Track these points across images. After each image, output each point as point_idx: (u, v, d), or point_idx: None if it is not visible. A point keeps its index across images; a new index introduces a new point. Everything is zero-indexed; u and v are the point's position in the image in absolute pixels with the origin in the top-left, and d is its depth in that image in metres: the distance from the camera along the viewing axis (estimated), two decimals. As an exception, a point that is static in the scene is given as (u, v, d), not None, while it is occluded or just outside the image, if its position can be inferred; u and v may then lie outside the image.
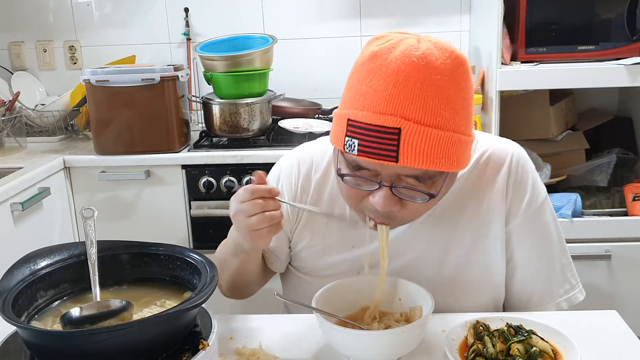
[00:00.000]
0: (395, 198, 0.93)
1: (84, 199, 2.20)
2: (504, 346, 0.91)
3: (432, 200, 0.94)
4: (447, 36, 2.51)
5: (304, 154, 1.18)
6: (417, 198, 0.93)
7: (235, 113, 2.20)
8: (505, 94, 2.20)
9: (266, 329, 1.07)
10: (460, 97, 0.89)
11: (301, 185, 1.15)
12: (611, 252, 1.97)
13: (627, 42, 1.95)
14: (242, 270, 1.15)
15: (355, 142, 0.88)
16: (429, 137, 0.86)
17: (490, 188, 1.09)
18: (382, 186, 0.92)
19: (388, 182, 0.91)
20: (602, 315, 1.08)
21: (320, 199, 1.14)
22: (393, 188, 0.92)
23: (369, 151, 0.88)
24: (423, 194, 0.92)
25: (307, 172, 1.15)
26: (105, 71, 2.13)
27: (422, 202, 0.94)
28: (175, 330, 0.84)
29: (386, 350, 0.93)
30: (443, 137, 0.87)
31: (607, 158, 2.18)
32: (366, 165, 0.91)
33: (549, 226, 1.12)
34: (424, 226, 1.10)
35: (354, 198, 0.98)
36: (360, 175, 0.93)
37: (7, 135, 2.30)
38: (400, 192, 0.93)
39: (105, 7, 2.67)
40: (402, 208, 0.95)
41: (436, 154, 0.87)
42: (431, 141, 0.87)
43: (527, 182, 1.10)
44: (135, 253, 1.00)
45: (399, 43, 0.90)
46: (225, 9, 2.61)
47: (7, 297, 0.84)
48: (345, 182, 0.96)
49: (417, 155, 0.86)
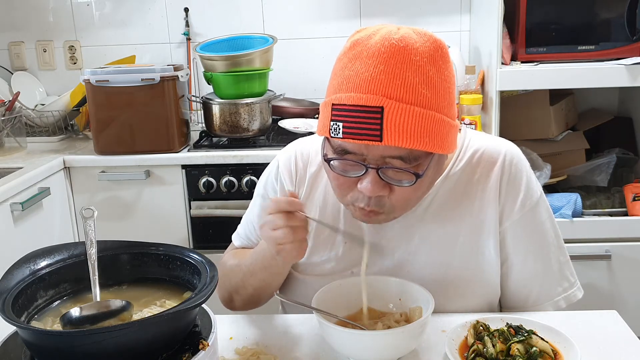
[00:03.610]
0: (383, 183, 0.93)
1: (84, 199, 2.20)
2: (504, 346, 0.91)
3: (419, 184, 0.94)
4: (447, 36, 2.51)
5: (302, 148, 1.19)
6: (404, 181, 0.94)
7: (235, 113, 2.20)
8: (505, 94, 2.20)
9: (266, 329, 1.07)
10: (440, 79, 0.91)
11: (299, 178, 1.16)
12: (611, 252, 1.97)
13: (627, 42, 1.95)
14: (270, 282, 1.13)
15: (340, 125, 0.90)
16: (412, 115, 0.88)
17: (483, 187, 1.08)
18: (369, 169, 0.92)
19: (374, 165, 0.92)
20: (602, 315, 1.08)
21: (314, 193, 1.15)
22: (380, 171, 0.92)
23: (353, 132, 0.89)
24: (409, 173, 0.92)
25: (304, 166, 1.16)
26: (105, 71, 2.13)
27: (410, 185, 0.94)
28: (175, 330, 0.84)
29: (386, 350, 0.93)
30: (426, 116, 0.89)
31: (607, 158, 2.18)
32: (352, 149, 0.92)
33: (545, 225, 1.11)
34: (416, 224, 1.09)
35: (343, 188, 0.98)
36: (347, 158, 0.94)
37: (7, 135, 2.30)
38: (387, 176, 0.93)
39: (105, 7, 2.67)
40: (390, 194, 0.95)
41: (420, 132, 0.88)
42: (414, 119, 0.88)
43: (520, 180, 1.09)
44: (135, 253, 1.00)
45: (379, 30, 0.93)
46: (225, 9, 2.61)
47: (7, 297, 0.84)
48: (333, 168, 0.96)
49: (401, 134, 0.88)
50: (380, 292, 1.05)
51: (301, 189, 1.15)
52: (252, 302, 1.19)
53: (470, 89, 2.16)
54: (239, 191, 2.12)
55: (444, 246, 1.09)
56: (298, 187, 1.16)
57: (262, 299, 1.18)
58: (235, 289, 1.17)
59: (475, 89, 2.16)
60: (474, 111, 2.08)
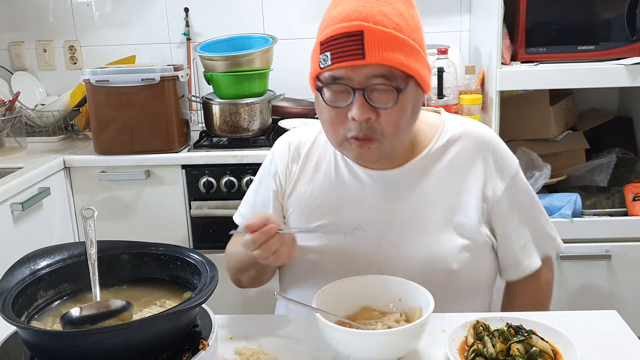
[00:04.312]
0: (370, 107, 1.03)
1: (84, 199, 2.20)
2: (504, 346, 0.91)
3: (401, 106, 1.04)
4: (447, 36, 2.52)
5: (294, 136, 1.28)
6: (389, 103, 1.03)
7: (235, 113, 2.20)
8: (505, 94, 2.20)
9: (266, 329, 1.07)
10: (410, 16, 1.05)
11: (291, 158, 1.24)
12: (611, 252, 1.97)
13: (627, 42, 1.95)
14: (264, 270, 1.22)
15: (328, 55, 1.02)
16: (389, 37, 1.00)
17: (464, 164, 1.16)
18: (356, 92, 1.02)
19: (360, 87, 1.02)
20: (602, 315, 1.08)
21: (307, 167, 1.23)
22: (365, 94, 1.02)
23: (340, 56, 1.01)
24: (392, 93, 1.02)
25: (297, 148, 1.25)
26: (105, 71, 2.13)
27: (394, 106, 1.03)
28: (175, 330, 0.84)
29: (386, 350, 0.93)
30: (401, 39, 1.02)
31: (607, 158, 2.18)
32: (340, 74, 1.03)
33: (528, 190, 1.22)
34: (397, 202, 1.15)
35: (335, 123, 1.07)
36: (336, 88, 1.04)
37: (7, 135, 2.30)
38: (373, 99, 1.03)
39: (105, 7, 2.67)
40: (378, 118, 1.04)
41: (396, 52, 1.01)
42: (390, 41, 1.01)
43: (500, 155, 1.18)
44: (135, 253, 1.00)
45: None
46: (225, 9, 2.61)
47: (7, 297, 0.84)
48: (326, 100, 1.06)
49: (381, 51, 1.00)
50: (380, 292, 1.05)
51: (294, 165, 1.23)
52: (255, 282, 1.26)
53: (470, 89, 2.16)
54: (239, 191, 2.12)
55: (423, 223, 1.14)
56: (291, 164, 1.24)
57: (263, 280, 1.26)
58: (239, 271, 1.25)
59: (475, 89, 2.16)
60: (474, 111, 2.09)
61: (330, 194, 1.18)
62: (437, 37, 2.49)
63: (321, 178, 1.20)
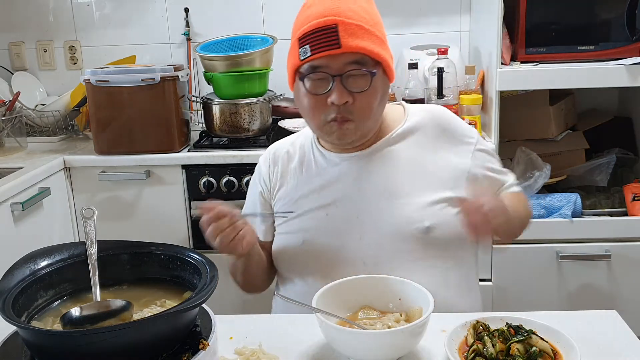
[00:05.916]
0: (347, 92, 1.16)
1: (84, 199, 2.20)
2: (504, 346, 0.91)
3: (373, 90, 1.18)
4: (447, 36, 2.51)
5: (275, 146, 1.43)
6: (364, 86, 1.17)
7: (235, 113, 2.20)
8: (505, 94, 2.20)
9: (266, 329, 1.07)
10: (374, 12, 1.22)
11: (272, 162, 1.38)
12: (611, 252, 1.97)
13: (627, 42, 1.96)
14: (248, 270, 1.31)
15: (308, 47, 1.17)
16: (359, 29, 1.15)
17: (428, 143, 1.28)
18: (334, 80, 1.16)
19: (338, 73, 1.16)
20: (602, 315, 1.08)
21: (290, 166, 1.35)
22: (343, 80, 1.16)
23: (318, 47, 1.15)
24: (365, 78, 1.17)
25: (276, 152, 1.40)
26: (106, 71, 2.13)
27: (367, 90, 1.17)
28: (175, 330, 0.84)
29: (386, 350, 0.93)
30: (369, 31, 1.16)
31: (607, 158, 2.18)
32: (319, 63, 1.17)
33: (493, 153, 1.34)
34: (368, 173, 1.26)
35: (316, 109, 1.20)
36: (315, 77, 1.18)
37: (7, 135, 2.30)
38: (349, 84, 1.16)
39: (105, 7, 2.67)
40: (354, 102, 1.17)
41: (366, 40, 1.15)
42: (361, 32, 1.15)
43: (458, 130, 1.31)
44: (135, 253, 1.00)
45: None
46: (225, 9, 2.61)
47: (7, 297, 0.85)
48: (307, 89, 1.19)
49: (353, 40, 1.14)
50: (380, 292, 1.05)
51: (276, 167, 1.37)
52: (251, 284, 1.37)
53: (470, 89, 2.16)
54: (239, 191, 2.12)
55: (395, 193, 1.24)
56: (273, 167, 1.37)
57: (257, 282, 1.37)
58: (233, 274, 1.36)
59: (475, 89, 2.16)
60: (474, 111, 2.08)
61: (312, 181, 1.30)
62: (437, 37, 2.49)
63: (304, 171, 1.33)
